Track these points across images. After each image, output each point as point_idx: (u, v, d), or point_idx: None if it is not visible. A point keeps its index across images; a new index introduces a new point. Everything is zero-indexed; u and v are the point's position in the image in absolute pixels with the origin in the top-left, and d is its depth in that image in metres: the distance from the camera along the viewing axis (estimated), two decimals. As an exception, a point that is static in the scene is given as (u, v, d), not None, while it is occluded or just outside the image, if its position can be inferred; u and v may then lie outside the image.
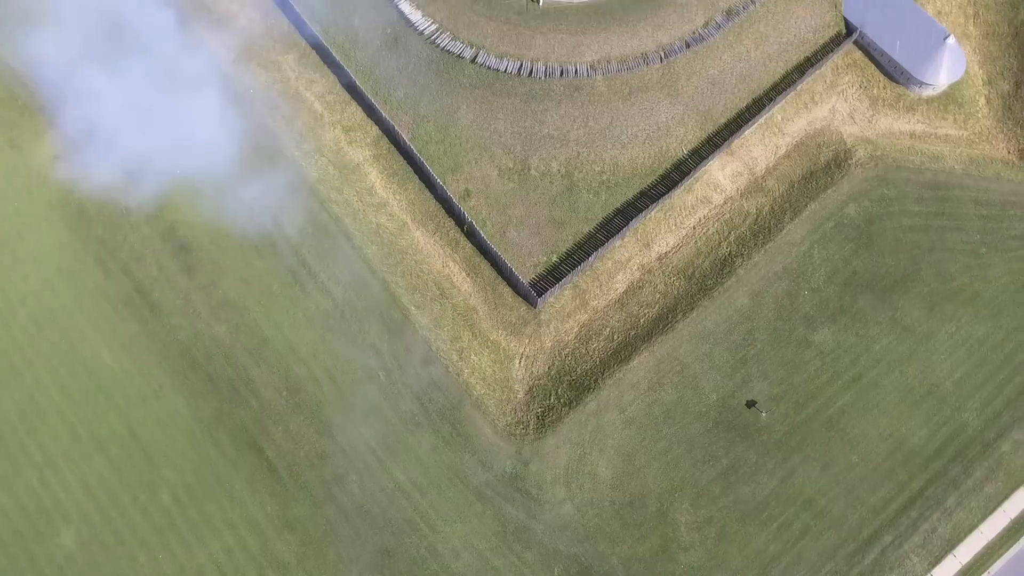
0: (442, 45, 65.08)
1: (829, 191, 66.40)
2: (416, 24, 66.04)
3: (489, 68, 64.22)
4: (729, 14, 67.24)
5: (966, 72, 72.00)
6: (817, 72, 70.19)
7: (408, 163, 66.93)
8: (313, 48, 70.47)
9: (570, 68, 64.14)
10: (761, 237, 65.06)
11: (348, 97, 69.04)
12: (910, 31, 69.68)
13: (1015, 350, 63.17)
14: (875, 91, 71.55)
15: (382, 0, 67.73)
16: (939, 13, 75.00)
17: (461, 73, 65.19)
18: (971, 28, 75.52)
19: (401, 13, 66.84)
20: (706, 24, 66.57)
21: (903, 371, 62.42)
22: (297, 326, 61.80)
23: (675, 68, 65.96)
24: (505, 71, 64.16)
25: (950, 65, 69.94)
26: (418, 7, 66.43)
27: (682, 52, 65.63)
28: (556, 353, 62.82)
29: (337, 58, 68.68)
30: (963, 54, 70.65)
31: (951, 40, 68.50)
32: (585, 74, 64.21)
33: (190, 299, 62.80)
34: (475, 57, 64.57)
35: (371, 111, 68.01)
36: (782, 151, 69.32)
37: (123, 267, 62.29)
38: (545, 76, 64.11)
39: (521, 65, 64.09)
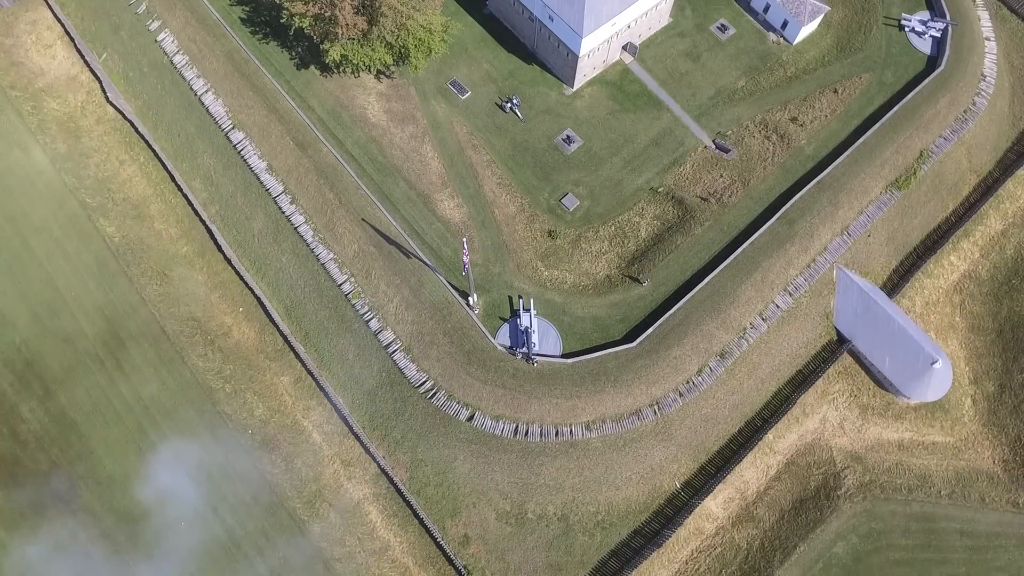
0: (438, 404, 65.75)
1: (818, 529, 68.11)
2: (411, 379, 66.57)
3: (485, 430, 65.03)
4: (723, 356, 68.04)
5: (954, 369, 73.52)
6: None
7: (407, 505, 68.10)
8: (309, 374, 70.87)
9: (565, 429, 65.16)
10: (752, 582, 67.04)
11: (345, 429, 69.75)
12: (899, 350, 70.69)
13: None
14: (865, 399, 72.78)
15: (378, 346, 68.08)
16: (927, 303, 76.14)
17: (458, 429, 66.07)
18: (957, 319, 76.59)
19: (395, 363, 67.28)
20: (700, 371, 67.39)
21: None
22: None
23: (669, 416, 66.98)
24: (501, 433, 65.05)
25: (937, 385, 71.38)
26: (413, 360, 66.87)
27: (676, 404, 66.59)
28: None
29: (332, 392, 69.27)
30: (950, 372, 71.99)
31: (938, 365, 69.58)
32: (580, 435, 65.26)
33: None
34: (471, 417, 65.41)
35: (369, 446, 68.86)
36: (773, 471, 70.78)
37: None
38: (541, 437, 65.11)
39: (517, 427, 65.05)
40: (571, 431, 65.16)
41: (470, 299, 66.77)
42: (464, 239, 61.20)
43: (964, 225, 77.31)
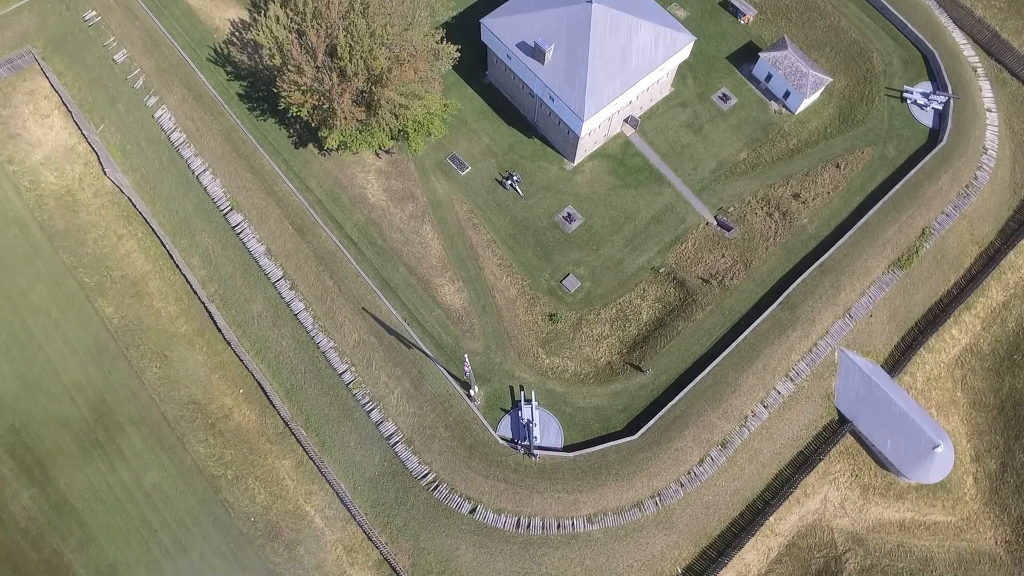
0: (439, 497, 65.72)
1: (820, 619, 68.28)
2: (413, 471, 66.51)
3: (487, 523, 65.02)
4: (724, 445, 67.97)
5: (955, 446, 73.50)
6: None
7: (410, 593, 68.19)
8: (310, 459, 70.73)
9: (567, 522, 65.16)
10: (753, 677, 67.18)
11: (348, 514, 69.67)
12: (900, 432, 70.65)
13: None
14: (866, 479, 72.74)
15: (379, 436, 67.97)
16: (928, 379, 76.00)
17: (460, 521, 66.04)
18: (959, 395, 76.46)
19: (397, 455, 67.19)
20: (701, 461, 67.35)
21: None
22: None
23: (670, 506, 66.97)
24: (503, 526, 65.04)
25: (939, 468, 71.38)
26: (415, 452, 66.78)
27: (678, 494, 66.60)
28: None
29: (333, 477, 69.19)
30: (951, 455, 71.92)
31: (940, 449, 69.58)
32: (582, 527, 65.27)
33: None
34: (473, 510, 65.40)
35: (372, 533, 68.86)
36: (774, 553, 70.81)
37: None
38: (543, 530, 65.12)
39: (519, 521, 65.05)
40: (573, 524, 65.17)
41: (471, 391, 66.58)
42: (466, 354, 61.23)
43: (966, 298, 77.00)
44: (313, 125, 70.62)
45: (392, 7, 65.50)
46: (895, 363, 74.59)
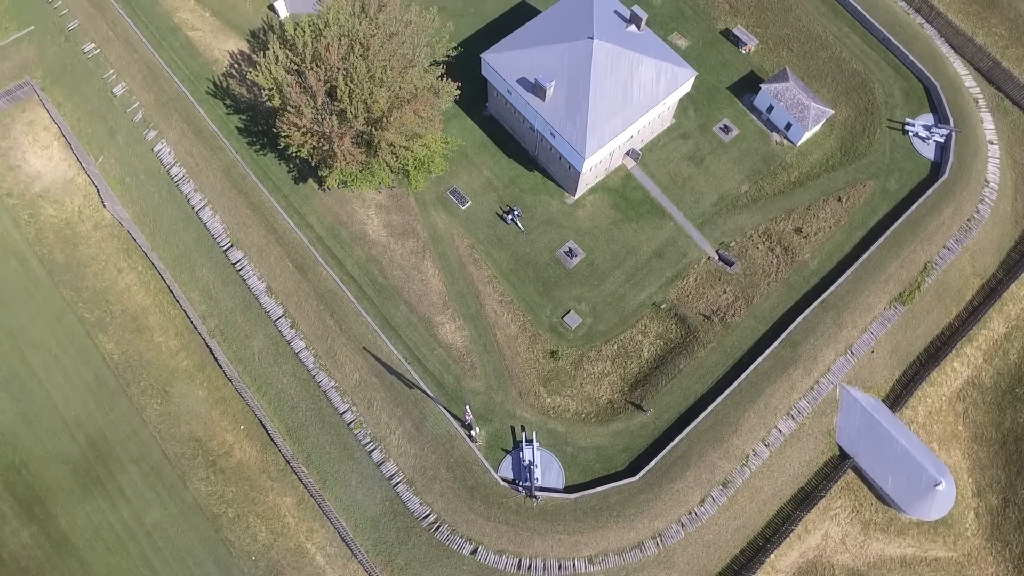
0: (440, 537, 65.69)
1: (821, 662, 68.30)
2: (415, 512, 66.47)
3: (488, 564, 65.00)
4: (725, 485, 67.92)
5: (956, 480, 73.48)
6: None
7: (413, 634, 68.13)
8: (311, 496, 70.66)
9: (568, 563, 65.13)
10: None
11: (349, 552, 69.63)
12: (901, 469, 70.61)
13: None
14: (867, 514, 72.72)
15: (380, 476, 67.91)
16: (930, 412, 75.94)
17: (461, 562, 66.00)
18: (960, 428, 76.41)
19: (398, 495, 67.12)
20: (702, 501, 67.31)
21: None
22: None
23: (671, 546, 66.93)
24: (504, 568, 65.03)
25: (940, 505, 71.35)
26: (416, 493, 66.72)
27: (679, 535, 66.58)
28: None
29: (335, 514, 69.14)
30: (953, 492, 71.89)
31: (941, 487, 69.55)
32: (583, 568, 65.24)
33: None
34: (474, 551, 65.36)
35: (373, 572, 68.82)
36: (775, 591, 70.90)
37: None
38: (544, 571, 65.09)
39: (520, 562, 65.02)
40: (574, 565, 65.15)
41: (472, 432, 66.51)
42: (467, 405, 61.22)
43: (968, 331, 76.86)
44: (313, 164, 70.35)
45: (392, 48, 65.21)
46: (896, 398, 74.50)
